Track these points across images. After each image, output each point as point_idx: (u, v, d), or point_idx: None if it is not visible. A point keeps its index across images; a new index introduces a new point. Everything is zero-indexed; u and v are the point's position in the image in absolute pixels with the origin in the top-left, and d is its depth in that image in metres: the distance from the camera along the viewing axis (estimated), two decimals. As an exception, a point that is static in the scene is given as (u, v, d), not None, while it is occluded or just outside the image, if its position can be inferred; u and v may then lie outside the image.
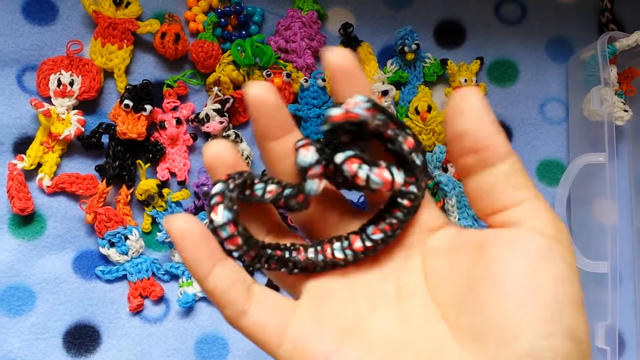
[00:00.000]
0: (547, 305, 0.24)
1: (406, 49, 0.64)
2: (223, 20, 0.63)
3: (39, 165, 0.60)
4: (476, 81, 0.66)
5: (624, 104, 0.64)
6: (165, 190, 0.61)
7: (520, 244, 0.26)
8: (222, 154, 0.30)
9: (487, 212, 0.27)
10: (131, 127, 0.59)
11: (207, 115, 0.61)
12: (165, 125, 0.62)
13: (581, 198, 0.63)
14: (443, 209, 0.64)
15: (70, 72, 0.60)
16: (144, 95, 0.59)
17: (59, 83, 0.59)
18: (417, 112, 0.64)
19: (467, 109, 0.27)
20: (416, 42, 0.64)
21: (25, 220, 0.59)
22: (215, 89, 0.61)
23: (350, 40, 0.66)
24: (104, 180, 0.59)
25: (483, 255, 0.26)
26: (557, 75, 0.68)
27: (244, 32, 0.64)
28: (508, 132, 0.67)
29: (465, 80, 0.65)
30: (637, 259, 0.65)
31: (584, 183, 0.62)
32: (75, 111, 0.60)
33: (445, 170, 0.65)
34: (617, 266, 0.54)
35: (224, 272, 0.28)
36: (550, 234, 0.26)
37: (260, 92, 0.28)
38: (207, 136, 0.62)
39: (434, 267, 0.28)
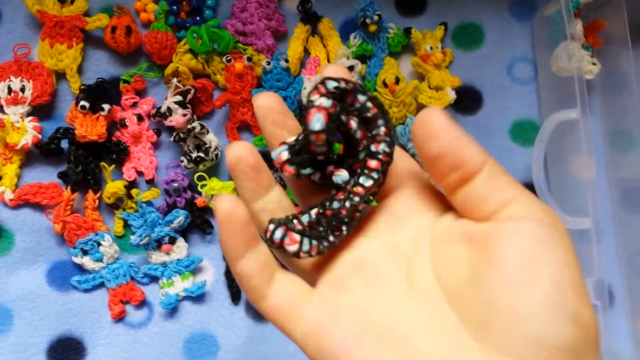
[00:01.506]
0: (550, 290, 0.25)
1: (368, 20, 0.63)
2: (175, 7, 0.61)
3: (-1, 178, 0.58)
4: (442, 47, 0.66)
5: (592, 57, 0.64)
6: (133, 191, 0.60)
7: (520, 233, 0.26)
8: (244, 156, 0.31)
9: (482, 218, 0.28)
10: (90, 129, 0.57)
11: (168, 109, 0.59)
12: (126, 123, 0.60)
13: (557, 156, 0.64)
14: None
15: (20, 78, 0.58)
16: (100, 94, 0.58)
17: (10, 90, 0.57)
18: (385, 84, 0.63)
19: (438, 131, 0.28)
20: (378, 12, 0.63)
21: (-9, 237, 0.58)
22: (175, 80, 0.60)
23: (309, 17, 0.65)
24: (69, 187, 0.58)
25: (486, 245, 0.27)
26: (522, 35, 0.68)
27: (198, 18, 0.62)
28: (478, 96, 0.67)
29: (431, 48, 0.65)
30: (617, 212, 0.66)
31: (559, 140, 0.62)
32: (30, 118, 0.58)
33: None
34: (599, 221, 0.55)
35: (254, 258, 0.29)
36: (547, 222, 0.27)
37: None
38: (171, 130, 0.61)
39: (441, 254, 0.29)
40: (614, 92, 0.68)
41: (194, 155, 0.60)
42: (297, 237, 0.30)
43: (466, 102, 0.66)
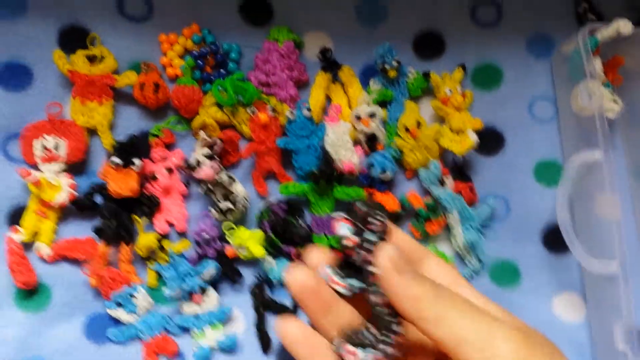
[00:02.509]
0: None
1: (387, 66, 0.65)
2: (200, 62, 0.64)
3: (36, 233, 0.60)
4: (461, 89, 0.67)
5: (613, 95, 0.65)
6: (165, 243, 0.62)
7: None
8: (304, 282, 0.34)
9: None
10: (123, 184, 0.59)
11: (197, 161, 0.61)
12: (157, 176, 0.62)
13: (582, 196, 0.65)
14: (446, 224, 0.65)
15: (53, 136, 0.60)
16: (131, 150, 0.60)
17: (44, 148, 0.60)
18: (406, 129, 0.65)
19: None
20: (396, 58, 0.65)
21: (30, 291, 0.60)
22: (202, 133, 0.62)
23: (330, 65, 0.67)
24: (103, 242, 0.60)
25: None
26: (542, 73, 0.69)
27: (222, 71, 0.65)
28: (500, 136, 0.68)
29: (450, 91, 0.66)
30: (644, 250, 0.66)
31: (583, 180, 0.63)
32: (65, 175, 0.60)
33: (443, 184, 0.66)
34: (626, 264, 0.56)
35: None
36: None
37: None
38: (200, 181, 0.62)
39: None
40: (636, 127, 0.68)
41: (222, 206, 0.61)
42: (353, 349, 0.33)
43: (488, 142, 0.68)
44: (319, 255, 0.35)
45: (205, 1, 0.65)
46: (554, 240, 0.67)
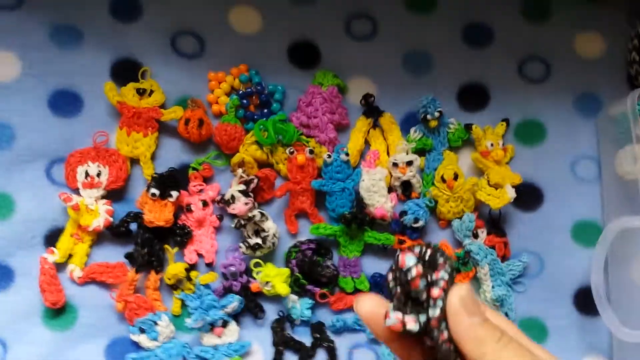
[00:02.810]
0: None
1: (429, 116, 0.65)
2: (245, 101, 0.65)
3: (69, 256, 0.62)
4: (503, 143, 0.67)
5: (659, 160, 0.63)
6: (193, 273, 0.62)
7: None
8: (374, 310, 0.34)
9: None
10: (158, 214, 0.61)
11: (232, 197, 0.62)
12: (192, 208, 0.64)
13: (619, 260, 0.63)
14: (475, 277, 0.64)
15: (97, 164, 0.63)
16: (169, 182, 0.62)
17: (87, 175, 0.62)
18: (443, 180, 0.64)
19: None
20: (439, 109, 0.65)
21: (58, 311, 0.62)
22: (240, 170, 0.63)
23: (372, 110, 0.67)
24: (134, 269, 0.61)
25: None
26: (586, 132, 0.68)
27: (266, 111, 0.66)
28: (539, 193, 0.67)
29: (492, 144, 0.66)
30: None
31: (622, 245, 0.61)
32: (104, 201, 0.62)
33: (476, 236, 0.65)
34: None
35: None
36: None
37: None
38: (233, 216, 0.63)
39: None
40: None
41: (252, 242, 0.62)
42: None
43: (527, 198, 0.67)
44: (372, 301, 0.35)
45: (255, 41, 0.67)
46: (585, 302, 0.65)
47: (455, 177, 0.64)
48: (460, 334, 0.32)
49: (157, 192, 0.61)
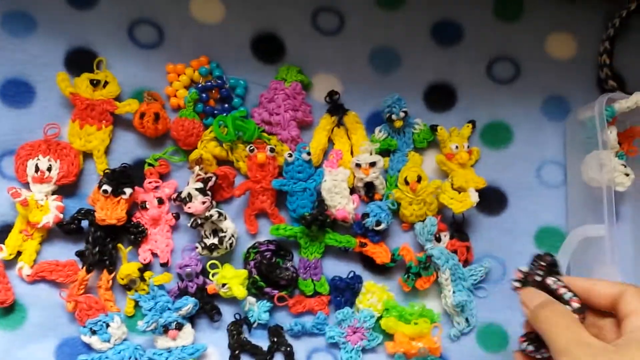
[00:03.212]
0: None
1: (394, 116, 0.64)
2: (204, 95, 0.63)
3: (19, 253, 0.60)
4: (469, 145, 0.65)
5: (625, 167, 0.62)
6: (147, 274, 0.61)
7: None
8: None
9: None
10: (110, 212, 0.59)
11: (189, 195, 0.61)
12: (147, 205, 0.61)
13: (581, 265, 0.62)
14: (436, 282, 0.63)
15: (48, 157, 0.60)
16: (122, 179, 0.59)
17: (37, 169, 0.59)
18: (406, 182, 0.63)
19: None
20: (404, 109, 0.64)
21: (6, 310, 0.60)
22: (197, 168, 0.61)
23: (336, 108, 0.65)
24: (84, 267, 0.59)
25: None
26: (554, 136, 0.67)
27: (226, 106, 0.64)
28: (503, 197, 0.66)
29: (457, 147, 0.64)
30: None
31: (584, 251, 0.61)
32: (54, 197, 0.60)
33: (438, 240, 0.64)
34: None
35: None
36: None
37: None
38: (190, 215, 0.61)
39: None
40: (647, 200, 0.66)
41: (209, 242, 0.60)
42: None
43: (491, 202, 0.66)
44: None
45: (216, 32, 0.65)
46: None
47: (419, 179, 0.63)
48: None
49: (109, 189, 0.59)
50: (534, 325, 0.44)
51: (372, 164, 0.63)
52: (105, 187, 0.59)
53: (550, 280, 0.46)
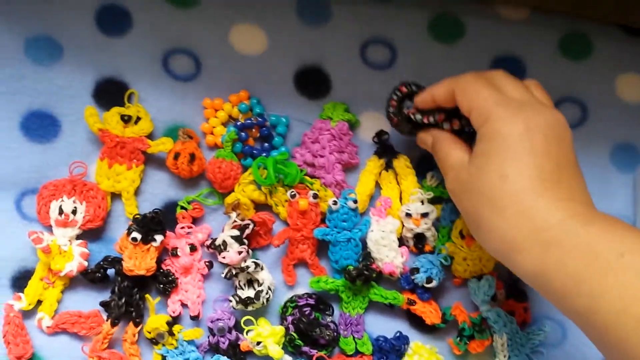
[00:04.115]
0: None
1: (449, 161, 0.58)
2: (244, 134, 0.58)
3: (38, 302, 0.55)
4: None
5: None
6: (176, 328, 0.56)
7: None
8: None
9: None
10: (139, 262, 0.54)
11: (224, 243, 0.56)
12: (178, 252, 0.57)
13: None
14: (492, 346, 0.58)
15: (73, 199, 0.56)
16: (153, 225, 0.55)
17: (61, 211, 0.55)
18: (462, 235, 0.57)
19: None
20: (460, 154, 0.58)
21: (23, 363, 0.55)
22: (234, 214, 0.56)
23: (385, 150, 0.60)
24: (109, 320, 0.55)
25: None
26: (622, 187, 0.62)
27: (266, 145, 0.59)
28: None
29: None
30: None
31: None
32: (79, 242, 0.55)
33: (494, 298, 0.58)
34: None
35: None
36: None
37: None
38: (224, 264, 0.57)
39: None
40: None
41: (243, 295, 0.55)
42: None
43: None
44: None
45: (258, 66, 0.60)
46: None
47: (475, 233, 0.57)
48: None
49: (138, 236, 0.54)
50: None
51: (425, 215, 0.58)
52: (134, 234, 0.54)
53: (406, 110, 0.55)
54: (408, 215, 0.58)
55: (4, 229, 0.56)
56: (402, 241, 0.59)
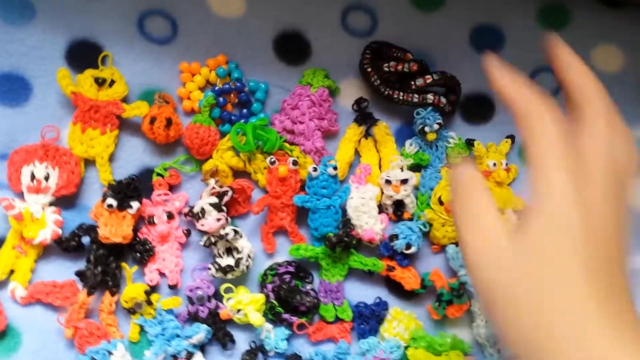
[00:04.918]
0: None
1: (427, 128, 0.58)
2: (222, 99, 0.57)
3: (11, 271, 0.54)
4: (507, 163, 0.60)
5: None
6: (154, 297, 0.55)
7: None
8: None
9: None
10: (115, 229, 0.53)
11: (202, 210, 0.55)
12: (155, 220, 0.56)
13: None
14: (469, 311, 0.59)
15: (45, 164, 0.54)
16: (129, 192, 0.53)
17: (33, 177, 0.53)
18: (440, 202, 0.58)
19: None
20: (439, 121, 0.58)
21: (-2, 335, 0.53)
22: (212, 181, 0.55)
23: (364, 117, 0.60)
24: (85, 290, 0.53)
25: None
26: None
27: (245, 111, 0.58)
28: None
29: (495, 164, 0.59)
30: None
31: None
32: (52, 209, 0.54)
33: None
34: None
35: None
36: None
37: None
38: (202, 232, 0.56)
39: None
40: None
41: (223, 263, 0.55)
42: None
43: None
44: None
45: (236, 30, 0.59)
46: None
47: (454, 200, 0.58)
48: None
49: (114, 203, 0.53)
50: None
51: (404, 181, 0.58)
52: (110, 201, 0.53)
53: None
54: (387, 182, 0.58)
55: (-27, 197, 0.54)
56: (381, 208, 0.59)
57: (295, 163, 0.57)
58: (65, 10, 0.56)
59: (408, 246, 0.57)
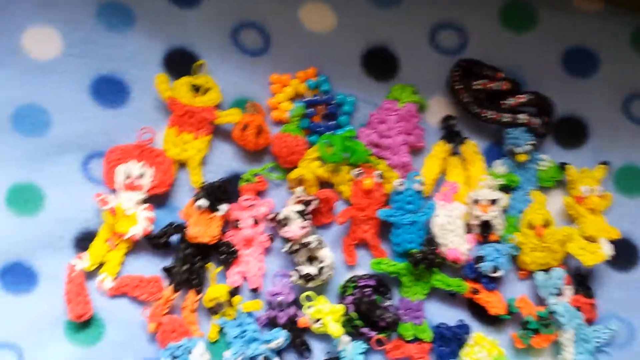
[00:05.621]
0: None
1: (518, 149, 0.57)
2: (310, 110, 0.58)
3: (101, 263, 0.56)
4: (601, 190, 0.58)
5: None
6: (235, 299, 0.56)
7: None
8: None
9: None
10: (204, 229, 0.55)
11: (287, 218, 0.56)
12: (240, 224, 0.57)
13: None
14: (556, 341, 0.56)
15: (140, 164, 0.56)
16: (220, 194, 0.55)
17: (127, 175, 0.55)
18: (531, 226, 0.56)
19: None
20: (531, 142, 0.57)
21: (83, 324, 0.56)
22: (299, 189, 0.56)
23: (452, 135, 0.60)
24: (171, 286, 0.55)
25: None
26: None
27: (332, 123, 0.59)
28: (635, 252, 0.60)
29: (589, 190, 0.57)
30: None
31: None
32: (144, 206, 0.56)
33: (560, 293, 0.57)
34: None
35: None
36: None
37: None
38: (285, 239, 0.56)
39: None
40: None
41: (304, 271, 0.55)
42: None
43: (622, 257, 0.59)
44: None
45: (326, 44, 0.60)
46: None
47: (546, 224, 0.56)
48: None
49: (205, 204, 0.55)
50: None
51: (493, 202, 0.57)
52: (201, 201, 0.54)
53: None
54: (476, 201, 0.57)
55: (70, 190, 0.57)
56: (467, 230, 0.58)
57: (380, 176, 0.57)
58: (163, 18, 0.59)
59: (495, 269, 0.56)
